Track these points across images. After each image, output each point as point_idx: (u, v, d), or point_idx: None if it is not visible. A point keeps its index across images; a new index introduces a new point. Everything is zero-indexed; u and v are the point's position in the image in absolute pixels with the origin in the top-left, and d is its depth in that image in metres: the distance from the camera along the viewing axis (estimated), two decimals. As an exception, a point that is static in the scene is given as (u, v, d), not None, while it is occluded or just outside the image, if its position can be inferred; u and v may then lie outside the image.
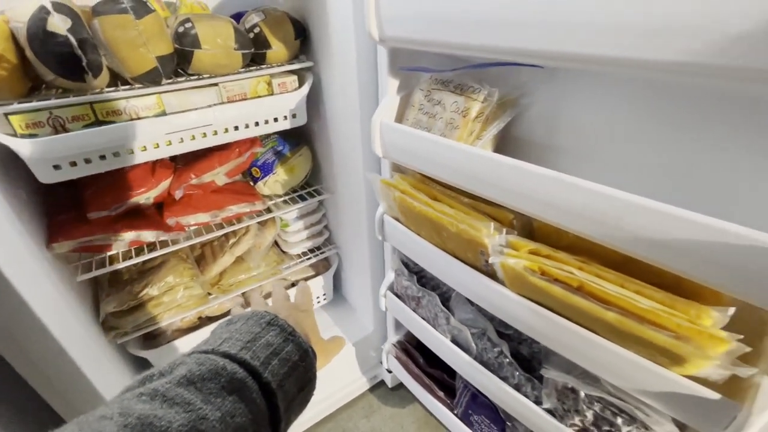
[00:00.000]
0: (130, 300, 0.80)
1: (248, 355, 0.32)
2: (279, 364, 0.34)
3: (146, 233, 0.78)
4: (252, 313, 0.37)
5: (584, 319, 0.44)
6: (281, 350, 0.35)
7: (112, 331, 0.80)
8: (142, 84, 0.65)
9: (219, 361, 0.30)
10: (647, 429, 0.46)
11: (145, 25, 0.59)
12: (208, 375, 0.29)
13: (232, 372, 0.30)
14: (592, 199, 0.40)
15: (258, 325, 0.36)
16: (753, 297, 0.33)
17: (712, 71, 0.29)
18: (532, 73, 0.50)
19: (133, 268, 0.87)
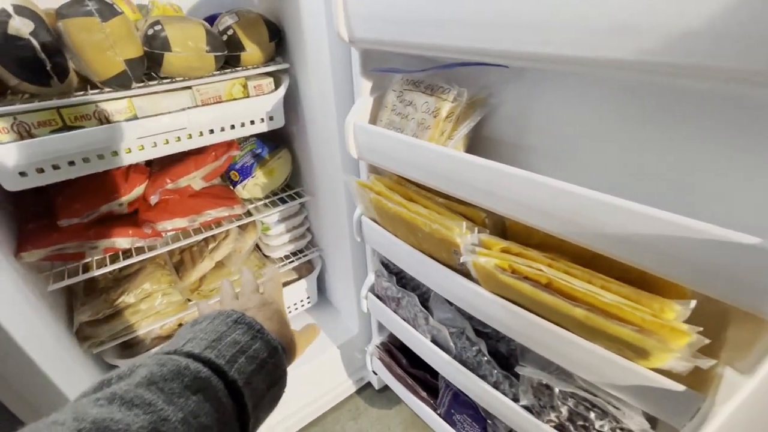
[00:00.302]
0: (106, 308, 0.79)
1: (213, 354, 0.32)
2: (246, 362, 0.33)
3: (121, 240, 0.77)
4: (218, 312, 0.36)
5: (554, 316, 0.45)
6: (248, 348, 0.34)
7: (87, 340, 0.78)
8: (111, 88, 0.64)
9: (182, 360, 0.29)
10: (618, 422, 0.47)
11: (111, 27, 0.58)
12: (170, 375, 0.28)
13: (196, 371, 0.29)
14: (559, 197, 0.40)
15: (224, 324, 0.35)
16: (712, 290, 0.34)
17: (664, 69, 0.30)
18: (500, 73, 0.51)
19: (109, 275, 0.85)
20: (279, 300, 0.46)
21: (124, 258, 0.78)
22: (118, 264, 0.78)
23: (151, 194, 0.78)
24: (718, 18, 0.26)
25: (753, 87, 0.28)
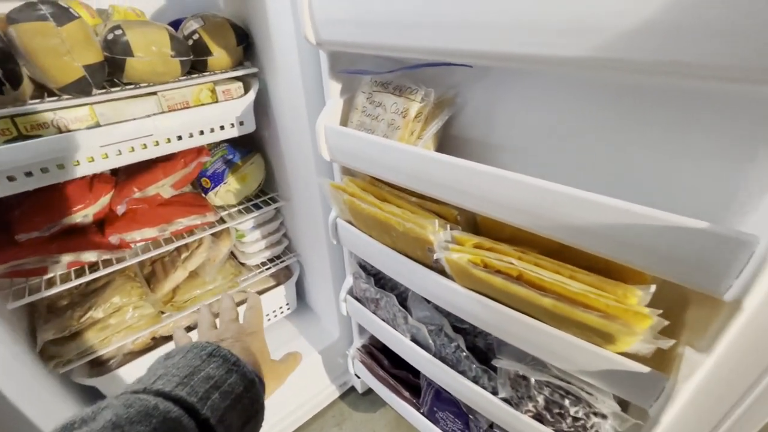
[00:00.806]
0: (72, 325, 0.75)
1: (185, 391, 0.30)
2: (220, 397, 0.32)
3: (87, 253, 0.74)
4: (192, 345, 0.35)
5: (526, 307, 0.46)
6: (223, 383, 0.33)
7: (53, 360, 0.74)
8: (70, 95, 0.61)
9: (150, 400, 0.28)
10: (591, 407, 0.48)
11: (68, 32, 0.56)
12: (138, 417, 0.26)
13: (165, 411, 0.28)
14: (526, 192, 0.41)
15: (198, 358, 0.33)
16: (669, 274, 0.36)
17: (613, 64, 0.32)
18: (465, 73, 0.52)
19: (74, 291, 0.82)
20: (259, 329, 0.45)
21: (90, 272, 0.75)
22: (84, 278, 0.74)
23: (118, 204, 0.76)
24: (655, 17, 0.28)
25: (684, 78, 0.29)
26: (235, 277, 0.99)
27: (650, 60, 0.30)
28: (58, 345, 0.75)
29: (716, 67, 0.27)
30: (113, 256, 0.78)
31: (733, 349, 0.40)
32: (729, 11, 0.25)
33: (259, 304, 0.49)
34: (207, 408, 0.30)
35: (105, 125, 0.66)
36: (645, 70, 0.31)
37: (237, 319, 0.46)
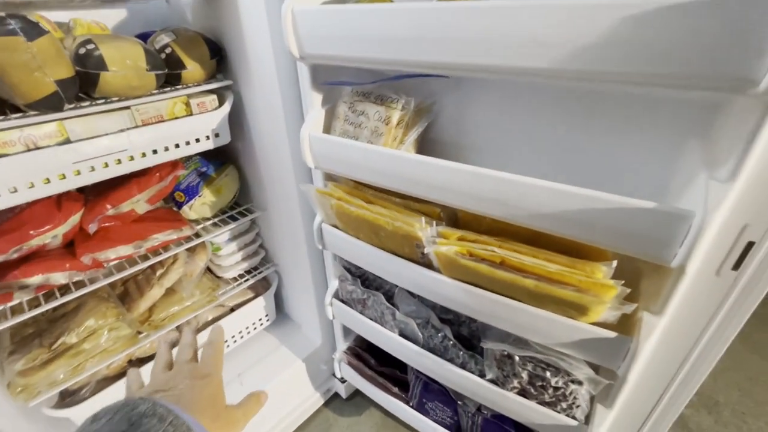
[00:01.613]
0: (42, 354, 0.71)
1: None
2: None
3: (57, 275, 0.70)
4: (123, 404, 0.31)
5: (509, 290, 0.51)
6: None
7: (22, 392, 0.70)
8: (38, 111, 0.59)
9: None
10: (570, 375, 0.54)
11: (39, 47, 0.54)
12: None
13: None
14: (500, 185, 0.47)
15: (126, 421, 0.29)
16: (625, 248, 0.42)
17: (570, 74, 0.38)
18: (441, 83, 0.57)
19: (41, 317, 0.77)
20: (215, 370, 0.41)
21: (61, 295, 0.72)
22: (54, 302, 0.71)
23: (90, 222, 0.73)
24: (603, 35, 0.34)
25: (627, 86, 0.36)
26: (213, 291, 0.98)
27: (596, 70, 0.36)
28: (28, 376, 0.70)
29: (649, 74, 0.34)
30: (86, 277, 0.75)
31: (681, 309, 0.47)
32: (656, 32, 0.32)
33: (221, 338, 0.45)
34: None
35: (76, 141, 0.64)
36: (592, 78, 0.37)
37: (194, 357, 0.43)
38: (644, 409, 0.59)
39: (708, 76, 0.31)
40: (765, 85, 0.30)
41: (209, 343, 0.44)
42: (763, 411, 1.13)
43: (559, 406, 0.58)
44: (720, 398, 1.17)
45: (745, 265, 0.44)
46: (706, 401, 1.16)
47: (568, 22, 0.35)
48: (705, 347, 0.48)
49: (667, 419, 0.57)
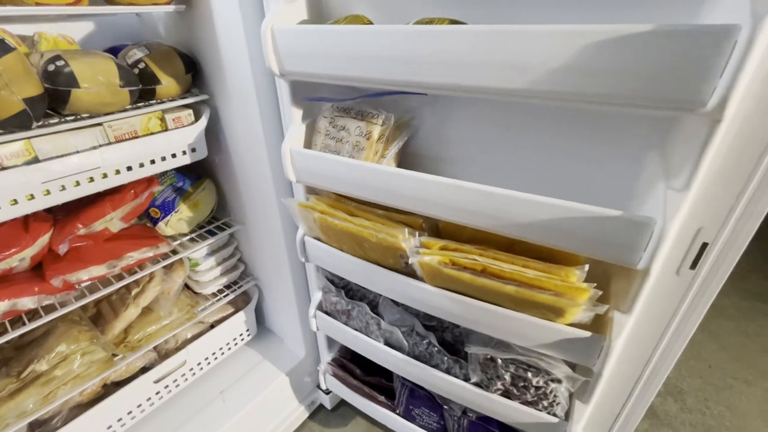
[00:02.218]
0: (10, 383, 0.67)
1: None
2: None
3: (24, 300, 0.67)
4: None
5: (490, 296, 0.53)
6: None
7: (-13, 426, 0.66)
8: (4, 130, 0.57)
9: None
10: (549, 374, 0.57)
11: (5, 65, 0.53)
12: None
13: None
14: (479, 197, 0.49)
15: None
16: (595, 253, 0.45)
17: (541, 94, 0.40)
18: (419, 99, 0.60)
19: (6, 345, 0.73)
20: None
21: (30, 320, 0.68)
22: (21, 329, 0.67)
23: (60, 243, 0.70)
24: (570, 59, 0.37)
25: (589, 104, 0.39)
26: (192, 308, 0.95)
27: (564, 91, 0.39)
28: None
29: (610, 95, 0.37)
30: (56, 301, 0.71)
31: (647, 307, 0.51)
32: (617, 58, 0.35)
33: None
34: None
35: (45, 160, 0.62)
36: (560, 99, 0.40)
37: None
38: (618, 401, 0.62)
39: (662, 97, 0.35)
40: (711, 105, 0.33)
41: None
42: (723, 396, 1.21)
43: (541, 405, 0.60)
44: (684, 386, 1.24)
45: (701, 264, 0.48)
46: (671, 390, 1.23)
47: (539, 48, 0.38)
48: (670, 340, 0.52)
49: (639, 409, 0.61)
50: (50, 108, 0.62)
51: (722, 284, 0.48)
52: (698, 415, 1.16)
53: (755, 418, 1.15)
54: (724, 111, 0.33)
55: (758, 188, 0.42)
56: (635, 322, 0.51)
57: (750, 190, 0.42)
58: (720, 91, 0.32)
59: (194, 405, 0.96)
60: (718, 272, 0.48)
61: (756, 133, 0.40)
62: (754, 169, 0.41)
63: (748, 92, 0.38)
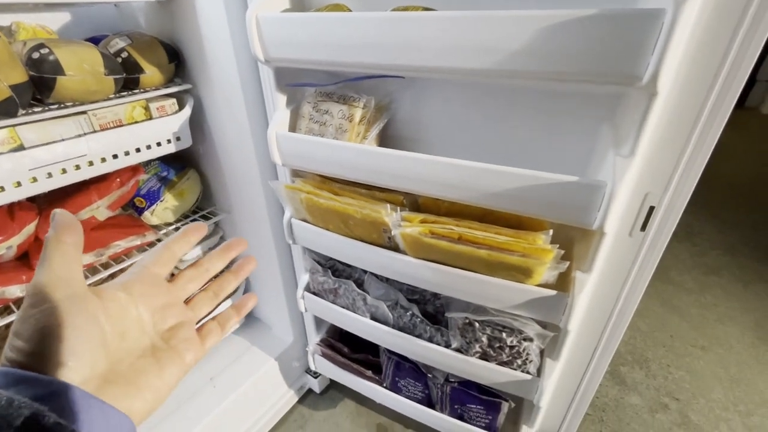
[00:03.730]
0: (0, 371, 0.68)
1: None
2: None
3: (12, 288, 0.68)
4: None
5: (466, 262, 0.58)
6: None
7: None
8: (-10, 117, 0.58)
9: None
10: (522, 333, 0.63)
11: (-9, 52, 0.54)
12: None
13: None
14: (454, 170, 0.54)
15: None
16: (557, 216, 0.51)
17: (510, 73, 0.45)
18: (397, 83, 0.64)
19: (-7, 335, 0.73)
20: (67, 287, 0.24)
21: (18, 309, 0.69)
22: (10, 317, 0.68)
23: (46, 232, 0.70)
24: (527, 42, 0.42)
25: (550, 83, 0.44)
26: (180, 296, 0.97)
27: (524, 69, 0.44)
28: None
29: (562, 72, 0.42)
30: (44, 289, 0.72)
31: (605, 267, 0.57)
32: (565, 39, 0.40)
33: (71, 226, 0.26)
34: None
35: (31, 147, 0.63)
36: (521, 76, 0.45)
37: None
38: (584, 358, 0.69)
39: (606, 73, 0.40)
40: (646, 79, 0.39)
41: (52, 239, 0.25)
42: (683, 362, 1.32)
43: (515, 363, 0.66)
44: (649, 355, 1.34)
45: (650, 226, 0.54)
46: (637, 358, 1.33)
47: (500, 31, 0.43)
48: (626, 296, 0.59)
49: (603, 363, 0.67)
50: (34, 97, 0.63)
51: (667, 242, 0.55)
52: (661, 380, 1.26)
53: (711, 379, 1.26)
54: (657, 84, 0.39)
55: (692, 155, 0.48)
56: (595, 281, 0.57)
57: (686, 157, 0.48)
58: (652, 66, 0.38)
59: (185, 391, 0.98)
60: (663, 232, 0.54)
61: (687, 106, 0.46)
62: (688, 138, 0.47)
63: (679, 70, 0.44)
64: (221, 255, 0.35)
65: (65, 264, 0.25)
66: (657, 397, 1.21)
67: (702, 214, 2.07)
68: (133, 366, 0.26)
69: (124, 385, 0.24)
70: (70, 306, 0.24)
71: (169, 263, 0.32)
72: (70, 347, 0.22)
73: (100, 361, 0.24)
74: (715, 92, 0.44)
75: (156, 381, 0.26)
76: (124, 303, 0.27)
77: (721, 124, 0.46)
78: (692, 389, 1.23)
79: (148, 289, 0.29)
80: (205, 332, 0.31)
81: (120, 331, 0.26)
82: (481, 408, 0.78)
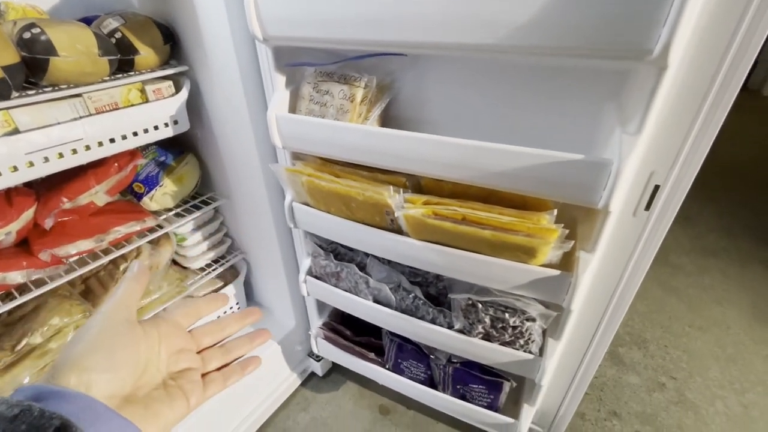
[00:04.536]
0: (5, 357, 0.68)
1: None
2: None
3: (13, 274, 0.67)
4: None
5: (470, 244, 0.58)
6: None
7: (-15, 398, 0.66)
8: (-17, 100, 0.56)
9: None
10: (525, 313, 0.63)
11: (-20, 32, 0.52)
12: None
13: None
14: (458, 150, 0.53)
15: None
16: (561, 195, 0.50)
17: (510, 49, 0.44)
18: (399, 62, 0.62)
19: (-4, 321, 0.73)
20: (125, 313, 0.30)
21: (20, 295, 0.68)
22: (13, 302, 0.68)
23: (45, 217, 0.70)
24: (534, 15, 0.41)
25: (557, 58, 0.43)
26: (182, 281, 0.97)
27: (527, 44, 0.43)
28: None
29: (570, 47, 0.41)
30: (45, 275, 0.72)
31: (609, 247, 0.57)
32: (574, 12, 0.39)
33: (143, 272, 0.34)
34: None
35: (26, 131, 0.62)
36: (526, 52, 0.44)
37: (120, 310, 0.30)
38: (586, 337, 0.69)
39: (614, 46, 0.39)
40: (657, 52, 0.38)
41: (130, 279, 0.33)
42: (681, 342, 1.34)
43: (518, 344, 0.67)
44: (647, 336, 1.36)
45: (654, 205, 0.54)
46: (636, 339, 1.35)
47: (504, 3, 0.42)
48: (629, 276, 0.59)
49: (605, 342, 0.68)
50: (28, 80, 0.61)
51: (671, 222, 0.54)
52: (659, 360, 1.28)
53: (708, 358, 1.28)
54: (668, 57, 0.38)
55: (699, 132, 0.47)
56: (599, 261, 0.57)
57: (693, 134, 0.48)
58: (664, 38, 0.37)
59: (189, 375, 0.99)
60: (668, 211, 0.54)
61: (696, 82, 0.45)
62: (696, 115, 0.47)
63: (689, 44, 0.43)
64: (239, 319, 0.39)
65: (129, 296, 0.31)
66: (654, 376, 1.23)
67: (701, 198, 2.07)
68: (149, 395, 0.29)
69: (141, 409, 0.27)
70: (123, 327, 0.29)
71: (193, 318, 0.36)
72: (113, 360, 0.27)
73: (129, 382, 0.28)
74: (725, 67, 0.44)
75: (167, 411, 0.29)
76: (154, 339, 0.31)
77: (730, 100, 0.45)
78: (689, 368, 1.25)
79: (172, 331, 0.33)
80: (208, 380, 0.34)
81: (146, 362, 0.29)
82: (483, 388, 0.79)
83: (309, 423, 1.12)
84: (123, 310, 0.30)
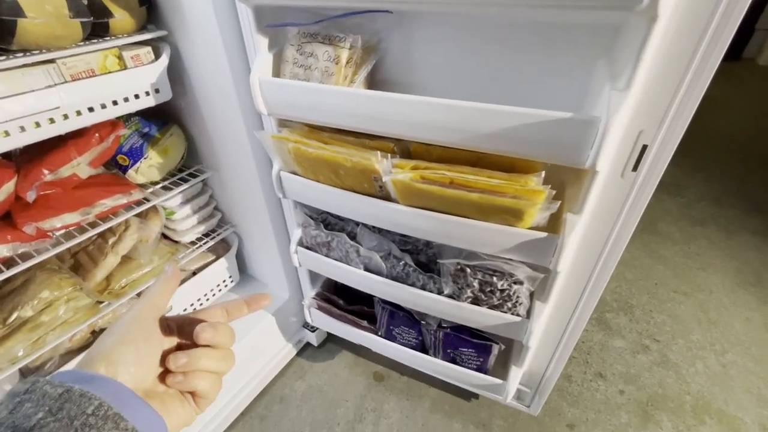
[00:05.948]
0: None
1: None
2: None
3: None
4: (10, 395, 0.24)
5: (458, 208, 0.58)
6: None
7: (-21, 371, 0.67)
8: (-51, 65, 0.54)
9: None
10: (513, 276, 0.64)
11: (-60, -10, 0.49)
12: None
13: None
14: (446, 111, 0.52)
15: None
16: (549, 155, 0.50)
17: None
18: (385, 20, 0.60)
19: (-15, 296, 0.73)
20: (151, 312, 0.32)
21: (8, 269, 0.68)
22: (1, 275, 0.67)
23: (27, 190, 0.68)
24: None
25: (546, 11, 0.42)
26: (173, 255, 0.97)
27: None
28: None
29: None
30: (31, 248, 0.71)
31: (596, 209, 0.57)
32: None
33: (173, 276, 0.35)
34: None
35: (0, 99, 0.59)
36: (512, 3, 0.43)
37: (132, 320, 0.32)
38: (572, 300, 0.71)
39: (605, -5, 0.38)
40: (646, 1, 0.37)
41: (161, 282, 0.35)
42: (665, 307, 1.37)
43: (506, 306, 0.68)
44: (633, 302, 1.39)
45: (642, 166, 0.54)
46: (622, 305, 1.38)
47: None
48: (615, 238, 0.59)
49: (591, 304, 0.69)
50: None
51: (657, 182, 0.55)
52: (644, 324, 1.32)
53: (691, 322, 1.32)
54: (657, 7, 0.37)
55: (688, 89, 0.47)
56: (586, 223, 0.57)
57: (682, 91, 0.47)
58: (654, -14, 0.36)
59: (185, 347, 1.00)
60: (654, 172, 0.54)
61: (686, 37, 0.44)
62: (685, 71, 0.46)
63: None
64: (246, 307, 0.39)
65: (160, 297, 0.34)
66: (639, 339, 1.27)
67: (691, 168, 2.08)
68: (166, 392, 0.31)
69: (158, 404, 0.29)
70: (151, 326, 0.32)
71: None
72: (139, 355, 0.29)
73: (150, 378, 0.30)
74: (715, 20, 0.43)
75: (180, 410, 0.31)
76: (174, 341, 0.34)
77: (719, 55, 0.44)
78: (672, 332, 1.29)
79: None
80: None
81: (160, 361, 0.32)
82: (472, 351, 0.81)
83: (306, 390, 1.15)
84: (153, 311, 0.33)
